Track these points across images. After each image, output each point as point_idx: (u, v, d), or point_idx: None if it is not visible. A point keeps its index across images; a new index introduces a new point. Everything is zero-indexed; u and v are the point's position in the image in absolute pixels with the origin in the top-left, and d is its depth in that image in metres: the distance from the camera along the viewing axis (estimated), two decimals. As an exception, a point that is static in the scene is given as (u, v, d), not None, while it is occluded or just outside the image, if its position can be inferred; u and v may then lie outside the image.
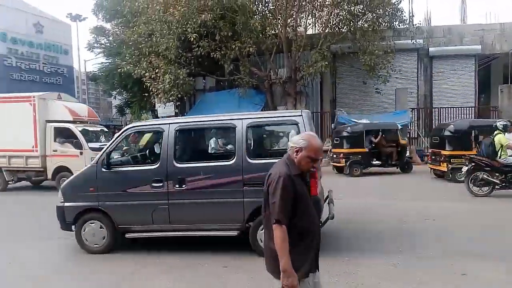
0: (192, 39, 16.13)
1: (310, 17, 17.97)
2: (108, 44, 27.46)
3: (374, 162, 14.12)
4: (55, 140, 11.95)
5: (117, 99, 38.77)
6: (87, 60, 44.38)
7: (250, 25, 16.32)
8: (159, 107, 22.62)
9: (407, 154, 14.60)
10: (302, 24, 18.01)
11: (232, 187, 5.28)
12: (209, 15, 15.77)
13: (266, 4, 18.75)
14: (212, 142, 14.41)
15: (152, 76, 17.29)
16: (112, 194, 5.62)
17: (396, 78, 18.82)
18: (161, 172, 5.45)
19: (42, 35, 36.51)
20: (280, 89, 19.05)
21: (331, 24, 17.71)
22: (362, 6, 17.22)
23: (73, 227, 5.79)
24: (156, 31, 16.67)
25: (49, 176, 12.09)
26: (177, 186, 5.38)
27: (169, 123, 5.64)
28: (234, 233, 5.36)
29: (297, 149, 2.49)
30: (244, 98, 18.99)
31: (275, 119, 5.88)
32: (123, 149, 6.42)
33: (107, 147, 5.80)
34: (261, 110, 19.37)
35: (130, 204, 5.58)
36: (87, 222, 5.71)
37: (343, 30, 17.66)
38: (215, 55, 16.88)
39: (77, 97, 46.89)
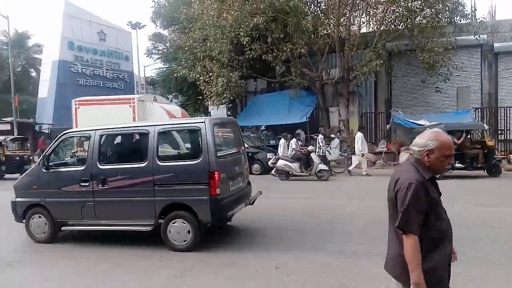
0: (244, 42, 16.43)
1: (364, 15, 17.53)
2: (165, 50, 28.71)
3: (456, 165, 13.11)
4: None
5: (173, 102, 40.40)
6: (146, 65, 46.55)
7: (302, 26, 16.27)
8: (212, 109, 23.25)
9: (495, 156, 13.61)
10: (356, 22, 17.61)
11: (145, 187, 5.81)
12: (261, 18, 15.95)
13: (318, 4, 18.58)
14: (292, 143, 14.68)
15: (206, 80, 17.89)
16: (50, 192, 6.33)
17: (458, 76, 17.72)
18: (87, 173, 6.09)
19: (105, 43, 38.95)
20: (332, 90, 18.76)
21: (386, 21, 17.13)
22: (420, 2, 16.46)
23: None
24: (210, 36, 17.21)
25: None
26: (100, 185, 5.98)
27: (95, 130, 6.28)
28: (149, 228, 5.87)
29: (427, 151, 2.35)
30: (295, 100, 18.94)
31: (181, 125, 6.61)
32: (73, 152, 7.10)
33: (46, 150, 6.64)
34: (312, 111, 19.25)
35: (64, 200, 6.27)
36: (33, 216, 6.45)
37: (400, 27, 17.00)
38: (266, 57, 17.04)
39: (136, 100, 49.45)
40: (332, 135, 16.19)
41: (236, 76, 17.41)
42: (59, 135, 6.79)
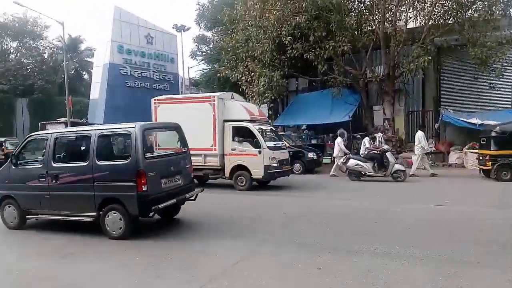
0: (286, 41, 16.43)
1: (411, 10, 16.89)
2: (209, 51, 29.29)
3: None
4: (233, 139, 11.80)
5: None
6: (190, 67, 47.78)
7: (345, 23, 16.00)
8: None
9: None
10: (402, 18, 17.02)
11: (86, 183, 6.70)
12: (303, 16, 15.87)
13: (362, 1, 18.15)
14: (366, 142, 14.57)
15: (248, 80, 18.09)
16: (17, 185, 7.44)
17: (513, 71, 16.68)
18: (44, 170, 7.12)
19: (152, 46, 40.39)
20: (377, 88, 18.27)
21: (435, 15, 16.39)
22: (471, -6, 15.63)
23: None
24: (252, 36, 17.39)
25: (226, 174, 11.91)
26: (54, 181, 7.00)
27: (51, 133, 7.44)
28: (91, 218, 6.81)
29: None
30: (337, 98, 18.66)
31: (116, 130, 7.19)
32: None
33: (16, 150, 7.85)
34: (355, 110, 18.85)
35: (28, 193, 7.34)
36: (6, 206, 7.61)
37: (449, 22, 16.21)
38: (308, 56, 16.92)
39: (181, 101, 50.87)
40: (375, 135, 15.73)
41: (277, 75, 17.44)
42: (25, 137, 8.13)
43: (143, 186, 6.34)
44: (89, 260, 5.73)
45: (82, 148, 7.30)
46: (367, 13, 17.16)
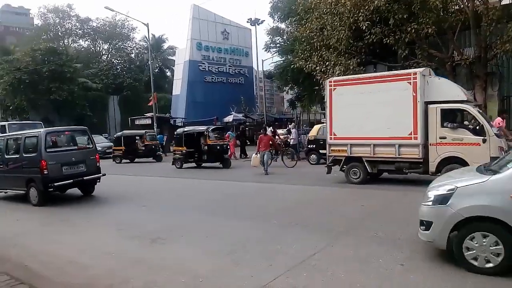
0: (364, 27, 15.74)
1: (506, -17, 15.10)
2: (282, 43, 29.28)
3: None
4: (442, 125, 9.65)
5: (288, 94, 41.13)
6: (264, 59, 48.21)
7: (429, 4, 14.80)
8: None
9: None
10: (496, -7, 15.28)
11: (19, 168, 10.22)
12: (382, -1, 15.03)
13: (448, -23, 16.63)
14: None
15: (323, 70, 17.68)
16: None
17: None
18: (2, 159, 10.70)
19: (228, 41, 41.61)
20: (466, 71, 16.68)
21: (536, -13, 14.47)
22: None
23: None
24: (327, 24, 16.94)
25: (431, 168, 9.73)
26: (6, 167, 10.56)
27: (4, 136, 11.64)
28: (23, 192, 10.27)
29: None
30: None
31: (32, 133, 10.58)
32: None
33: None
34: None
35: None
36: None
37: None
38: (388, 40, 16.01)
39: (255, 94, 51.82)
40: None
41: (354, 63, 16.81)
42: None
43: (44, 170, 9.58)
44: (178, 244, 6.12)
45: (18, 145, 10.53)
46: (454, -9, 15.69)
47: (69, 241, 6.62)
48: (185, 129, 18.93)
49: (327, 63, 17.44)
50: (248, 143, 25.84)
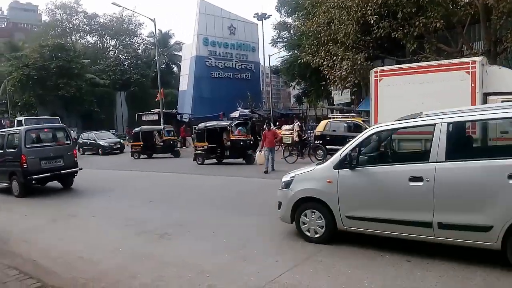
0: (372, 21, 15.58)
1: (517, -25, 14.80)
2: (289, 38, 29.12)
3: None
4: None
5: (295, 89, 40.99)
6: (270, 54, 48.03)
7: (438, -3, 14.62)
8: (335, 94, 22.81)
9: None
10: (506, -15, 15.01)
11: (4, 162, 11.00)
12: (391, -7, 14.85)
13: (458, -30, 16.38)
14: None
15: (330, 64, 17.57)
16: None
17: None
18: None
19: (234, 36, 41.46)
20: (476, 66, 16.48)
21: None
22: None
23: None
24: (335, 18, 16.79)
25: None
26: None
27: None
28: (7, 185, 11.22)
29: None
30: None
31: (13, 130, 11.56)
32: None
33: None
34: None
35: None
36: None
37: None
38: (396, 34, 15.83)
39: (262, 89, 51.69)
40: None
41: (361, 57, 16.66)
42: None
43: (24, 164, 10.42)
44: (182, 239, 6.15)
45: (2, 141, 11.17)
46: (464, -16, 15.44)
47: (78, 237, 6.68)
48: (207, 124, 17.98)
49: (335, 57, 17.33)
50: (259, 138, 25.65)
